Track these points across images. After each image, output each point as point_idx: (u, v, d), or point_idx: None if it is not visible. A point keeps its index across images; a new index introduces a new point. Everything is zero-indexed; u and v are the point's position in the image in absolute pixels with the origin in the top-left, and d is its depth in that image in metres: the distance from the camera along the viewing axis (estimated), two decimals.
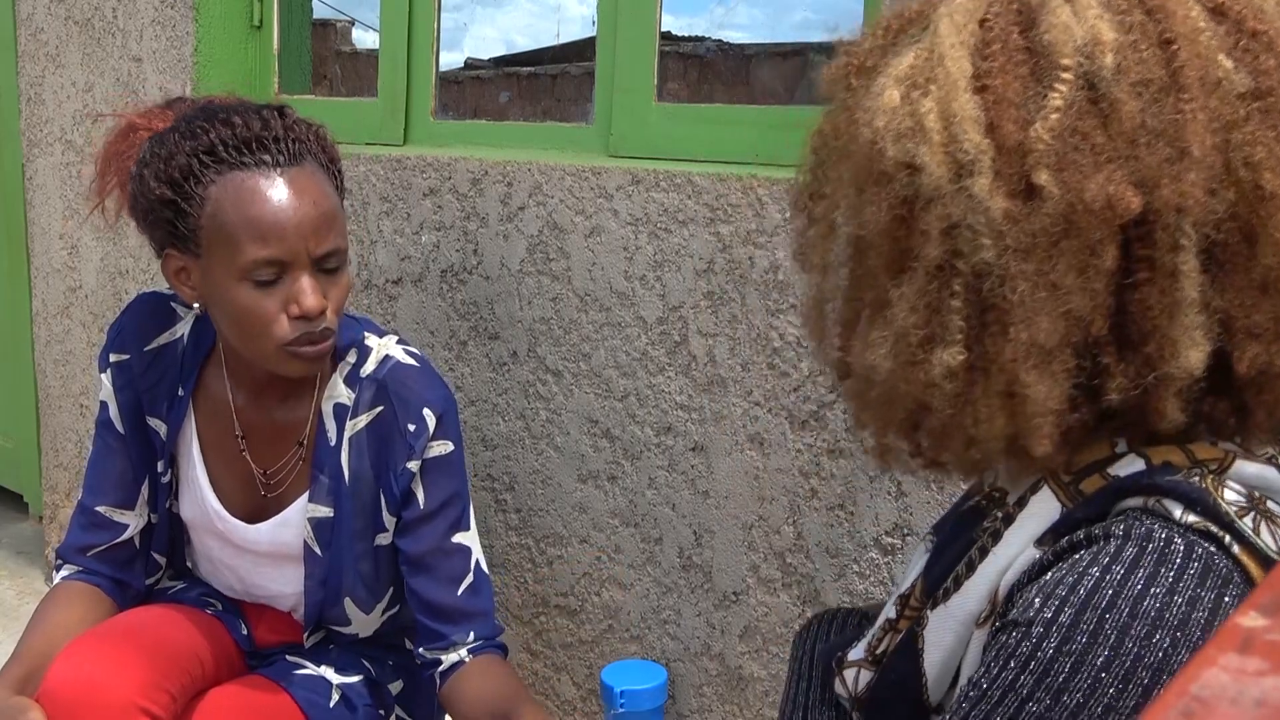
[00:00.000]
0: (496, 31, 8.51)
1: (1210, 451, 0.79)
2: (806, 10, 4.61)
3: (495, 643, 1.62)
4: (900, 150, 0.78)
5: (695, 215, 1.74)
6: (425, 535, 1.59)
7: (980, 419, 0.79)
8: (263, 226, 1.39)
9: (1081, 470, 0.82)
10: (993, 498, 0.91)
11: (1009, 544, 0.83)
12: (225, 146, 1.42)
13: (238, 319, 1.43)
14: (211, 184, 1.41)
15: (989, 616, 0.81)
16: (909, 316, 0.78)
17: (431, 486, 1.58)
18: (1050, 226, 0.74)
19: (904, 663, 0.89)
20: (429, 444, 1.56)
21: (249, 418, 1.62)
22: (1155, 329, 0.75)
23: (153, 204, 1.44)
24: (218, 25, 2.45)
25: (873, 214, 0.80)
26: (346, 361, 1.59)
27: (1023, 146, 0.74)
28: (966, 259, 0.76)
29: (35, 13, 2.85)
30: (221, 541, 1.67)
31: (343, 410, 1.58)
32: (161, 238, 1.47)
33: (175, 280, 1.49)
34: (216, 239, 1.41)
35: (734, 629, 1.79)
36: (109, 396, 1.65)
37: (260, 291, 1.41)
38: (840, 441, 1.64)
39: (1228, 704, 0.33)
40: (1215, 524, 0.74)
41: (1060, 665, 0.72)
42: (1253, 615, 0.39)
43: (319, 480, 1.59)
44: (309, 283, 1.42)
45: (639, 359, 1.84)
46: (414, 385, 1.57)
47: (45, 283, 2.97)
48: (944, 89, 0.77)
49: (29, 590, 3.03)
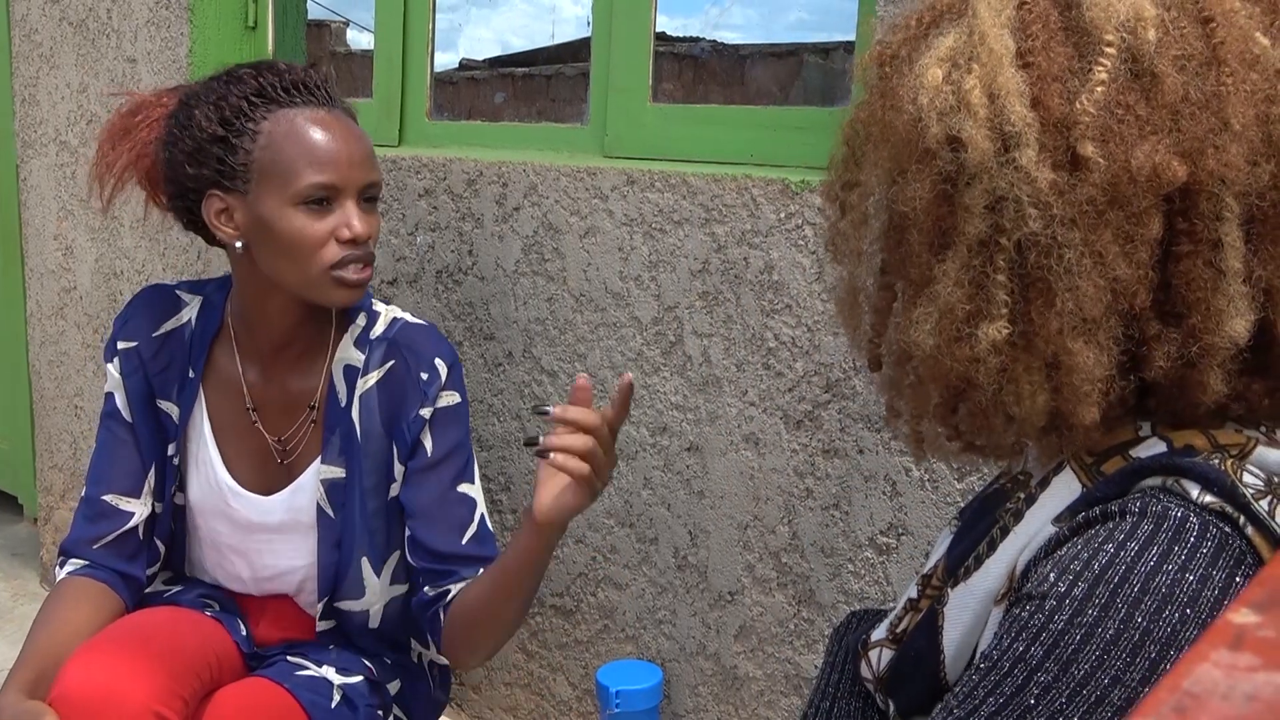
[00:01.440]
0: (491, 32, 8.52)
1: (1233, 437, 0.80)
2: (800, 11, 4.62)
3: None
4: (944, 126, 0.79)
5: (690, 216, 1.75)
6: (430, 484, 1.61)
7: (1022, 395, 0.80)
8: (319, 154, 1.49)
9: (1104, 452, 0.83)
10: (1017, 480, 0.93)
11: (1029, 522, 0.84)
12: (274, 88, 1.52)
13: (289, 244, 1.50)
14: (264, 119, 1.50)
15: (1006, 593, 0.82)
16: (953, 292, 0.80)
17: (439, 436, 1.61)
18: (1097, 196, 0.75)
19: (923, 639, 0.90)
20: (440, 393, 1.61)
21: (260, 390, 1.66)
22: (1199, 300, 0.77)
23: (202, 142, 1.51)
24: (212, 26, 2.45)
25: (915, 191, 0.81)
26: (356, 325, 1.65)
27: (1068, 119, 0.76)
28: (1010, 233, 0.77)
29: (29, 13, 2.84)
30: (231, 524, 1.68)
31: (353, 371, 1.63)
32: (206, 178, 1.52)
33: (216, 221, 1.54)
34: (270, 169, 1.49)
35: (729, 629, 1.79)
36: (116, 386, 1.67)
37: (312, 217, 1.49)
38: (835, 441, 1.64)
39: (1219, 699, 0.33)
40: (1231, 505, 0.75)
41: (1070, 637, 0.73)
42: (1244, 611, 0.40)
43: (330, 441, 1.62)
44: (355, 208, 1.51)
45: (634, 359, 1.84)
46: (424, 340, 1.64)
47: (40, 284, 2.96)
48: (987, 66, 0.78)
49: (24, 592, 3.03)
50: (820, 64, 4.47)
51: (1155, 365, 0.78)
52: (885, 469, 1.59)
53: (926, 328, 0.81)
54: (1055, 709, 0.73)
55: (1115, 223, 0.76)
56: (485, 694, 2.17)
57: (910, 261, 0.84)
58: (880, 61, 0.88)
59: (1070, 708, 0.73)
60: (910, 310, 0.84)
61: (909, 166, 0.82)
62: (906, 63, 0.85)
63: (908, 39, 0.86)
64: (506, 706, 2.14)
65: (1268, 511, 0.75)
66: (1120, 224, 0.76)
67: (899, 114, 0.82)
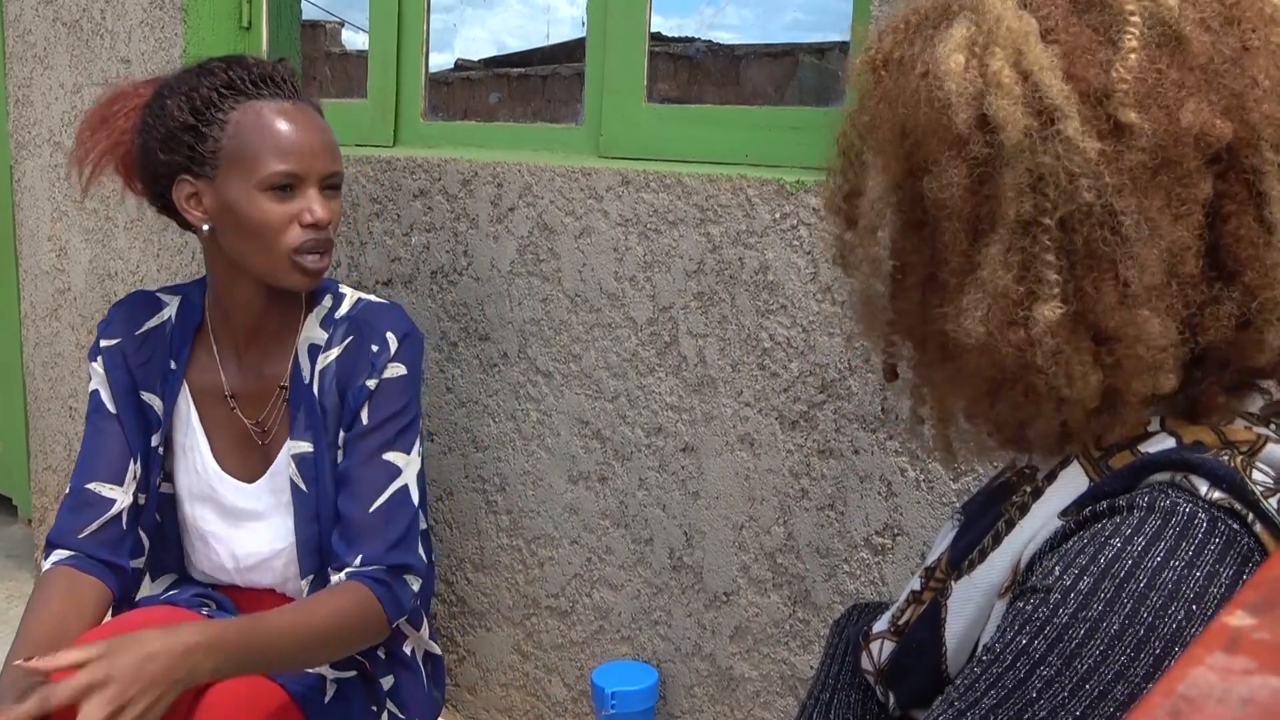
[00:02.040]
0: (486, 32, 8.49)
1: (1243, 434, 0.80)
2: (796, 11, 4.62)
3: (372, 574, 1.60)
4: (975, 110, 0.78)
5: (685, 216, 1.75)
6: (357, 450, 1.66)
7: (1074, 376, 0.79)
8: (283, 143, 1.58)
9: (1111, 446, 0.83)
10: (1023, 474, 0.93)
11: (1035, 516, 0.84)
12: (242, 81, 1.60)
13: (253, 227, 1.58)
14: (232, 110, 1.58)
15: (1010, 586, 0.82)
16: (1002, 276, 0.79)
17: (376, 406, 1.66)
18: (1146, 161, 0.75)
19: (925, 631, 0.90)
20: (387, 364, 1.66)
21: (236, 378, 1.73)
22: (1251, 257, 0.77)
23: (173, 130, 1.58)
24: (206, 27, 2.44)
25: (950, 179, 0.80)
26: (322, 306, 1.73)
27: (1106, 88, 0.76)
28: (1053, 210, 0.77)
29: (23, 14, 2.84)
30: (217, 510, 1.72)
31: (315, 349, 1.70)
32: (176, 164, 1.60)
33: (185, 205, 1.61)
34: (237, 156, 1.57)
35: (725, 629, 1.79)
36: (100, 382, 1.73)
37: (275, 202, 1.57)
38: (830, 442, 1.64)
39: (1215, 703, 0.33)
40: (1240, 502, 0.74)
41: (1074, 631, 0.73)
42: (1240, 615, 0.40)
43: (297, 418, 1.68)
44: (318, 196, 1.59)
45: (629, 360, 1.84)
46: (383, 316, 1.71)
47: (34, 285, 2.96)
48: (1010, 46, 0.78)
49: (18, 594, 3.02)
50: (815, 64, 4.47)
51: (1213, 328, 0.78)
52: (880, 469, 1.59)
53: (978, 315, 0.80)
54: (1057, 703, 0.73)
55: (1166, 186, 0.76)
56: (480, 695, 2.16)
57: (949, 252, 0.83)
58: (874, 66, 0.87)
59: (1073, 702, 0.72)
60: (957, 300, 0.82)
61: (939, 158, 0.81)
62: (905, 64, 0.84)
63: (900, 41, 0.86)
64: (502, 707, 2.13)
65: (1277, 509, 0.75)
66: (1171, 187, 0.76)
67: (916, 109, 0.81)
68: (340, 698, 1.66)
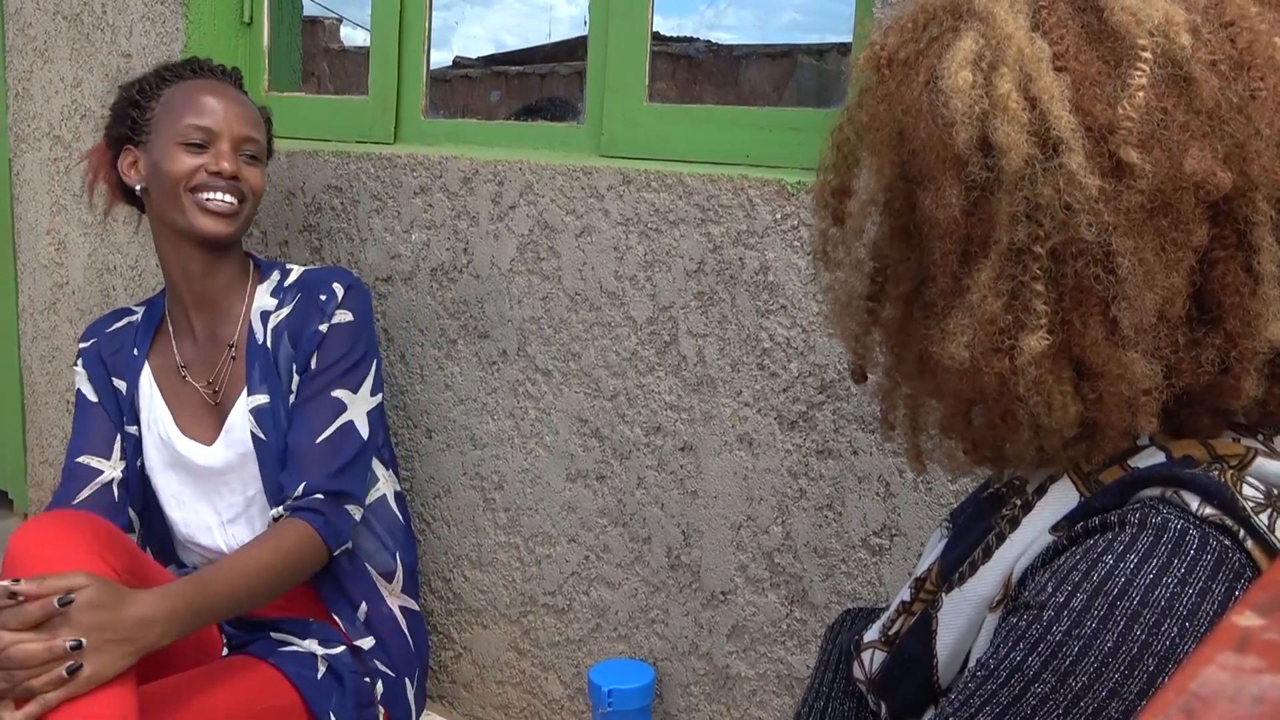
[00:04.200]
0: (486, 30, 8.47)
1: (1232, 448, 0.80)
2: (795, 12, 4.62)
3: (309, 504, 1.69)
4: (977, 131, 0.76)
5: (686, 215, 1.75)
6: (306, 389, 1.80)
7: (1054, 405, 0.78)
8: (200, 105, 1.80)
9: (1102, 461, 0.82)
10: (1013, 486, 0.92)
11: (1026, 530, 0.83)
12: (183, 69, 1.87)
13: (166, 176, 1.78)
14: (165, 89, 1.84)
15: (1002, 600, 0.82)
16: (991, 302, 0.77)
17: (325, 350, 1.80)
18: (1145, 203, 0.74)
19: (916, 644, 0.90)
20: (336, 310, 1.82)
21: (187, 348, 1.90)
22: (1236, 304, 0.76)
23: (121, 107, 1.85)
24: (208, 21, 2.44)
25: (946, 198, 0.78)
26: (271, 280, 1.90)
27: (1110, 125, 0.74)
28: (1045, 240, 0.75)
29: (24, 7, 2.83)
30: (185, 473, 1.84)
31: (267, 314, 1.86)
32: (122, 135, 1.84)
33: (126, 172, 1.84)
34: (163, 119, 1.81)
35: (722, 628, 1.79)
36: (82, 380, 1.93)
37: (189, 154, 1.78)
38: (829, 442, 1.64)
39: (1226, 701, 0.33)
40: (1231, 518, 0.74)
41: (1068, 648, 0.73)
42: (1249, 614, 0.40)
43: (252, 375, 1.81)
44: (229, 152, 1.80)
45: (629, 359, 1.84)
46: (329, 273, 1.88)
47: (32, 278, 2.95)
48: (1019, 69, 0.76)
49: None
50: (815, 65, 4.46)
51: (1190, 372, 0.77)
52: (879, 470, 1.59)
53: (963, 339, 0.79)
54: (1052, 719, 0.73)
55: (1162, 230, 0.74)
56: (477, 692, 2.17)
57: (938, 271, 0.82)
58: (877, 65, 0.85)
59: (1067, 718, 0.72)
60: (943, 321, 0.81)
61: (936, 173, 0.79)
62: (909, 66, 0.82)
63: (906, 41, 0.84)
64: (498, 705, 2.13)
65: (1267, 525, 0.74)
66: (1167, 231, 0.74)
67: (918, 118, 0.80)
68: (332, 674, 1.70)
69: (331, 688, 1.69)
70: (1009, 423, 0.82)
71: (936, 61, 0.80)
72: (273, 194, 2.30)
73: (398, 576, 1.89)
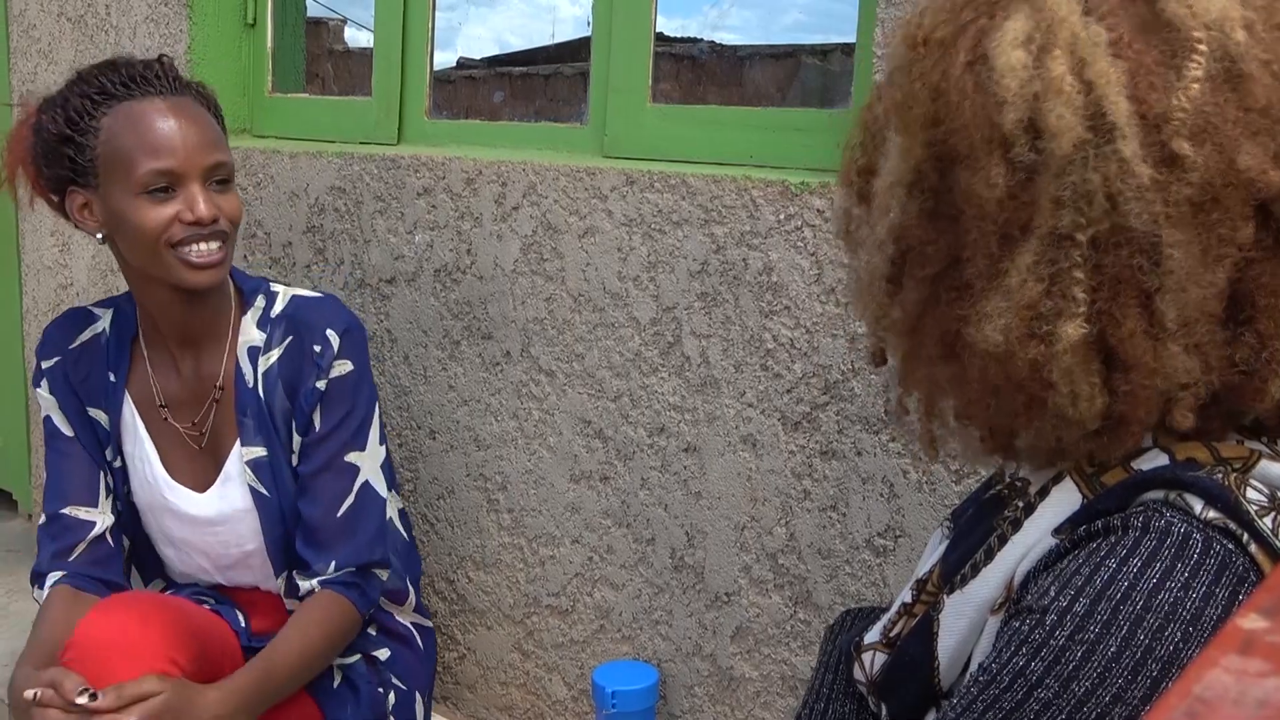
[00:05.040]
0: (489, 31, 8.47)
1: (1236, 450, 0.79)
2: (799, 13, 4.61)
3: (343, 579, 1.64)
4: (1027, 112, 0.75)
5: (689, 216, 1.75)
6: (317, 455, 1.66)
7: (1080, 397, 0.77)
8: (155, 142, 1.52)
9: (1104, 463, 0.82)
10: (1014, 487, 0.91)
11: (1028, 532, 0.83)
12: (114, 84, 1.55)
13: (136, 233, 1.53)
14: (104, 115, 1.53)
15: (1004, 603, 0.81)
16: (1032, 287, 0.76)
17: (328, 409, 1.66)
18: (1194, 196, 0.73)
19: (917, 646, 0.89)
20: (333, 363, 1.64)
21: (169, 385, 1.70)
22: (1270, 306, 0.75)
23: (50, 145, 1.55)
24: (211, 23, 2.44)
25: (989, 179, 0.77)
26: (256, 307, 1.70)
27: (1164, 115, 0.73)
28: (1087, 228, 0.74)
29: (28, 9, 2.84)
30: (176, 519, 1.71)
31: (255, 350, 1.67)
32: (62, 176, 1.56)
33: (79, 217, 1.58)
34: (113, 163, 1.52)
35: (726, 630, 1.79)
36: (50, 406, 1.72)
37: (156, 204, 1.52)
38: (833, 443, 1.64)
39: (1230, 704, 0.33)
40: (1235, 521, 0.74)
41: (1071, 653, 0.72)
42: (1253, 617, 0.40)
43: (244, 423, 1.66)
44: (200, 191, 1.53)
45: (632, 360, 1.84)
46: (319, 312, 1.68)
47: (36, 280, 2.96)
48: (1073, 52, 0.75)
49: (18, 588, 3.01)
50: (818, 65, 4.46)
51: (1224, 370, 0.77)
52: (883, 471, 1.59)
53: (999, 323, 0.77)
54: None
55: (1209, 225, 0.74)
56: (481, 693, 2.16)
57: (975, 253, 0.80)
58: (913, 43, 0.83)
59: None
60: (978, 304, 0.79)
61: (979, 153, 0.77)
62: (946, 46, 0.80)
63: (943, 20, 0.82)
64: (502, 706, 2.13)
65: (1271, 529, 0.74)
66: (1214, 226, 0.74)
67: (961, 97, 0.78)
68: (348, 684, 1.69)
69: (347, 697, 1.69)
70: (1031, 412, 0.80)
71: (982, 40, 0.78)
72: (276, 195, 2.30)
73: (410, 598, 1.86)
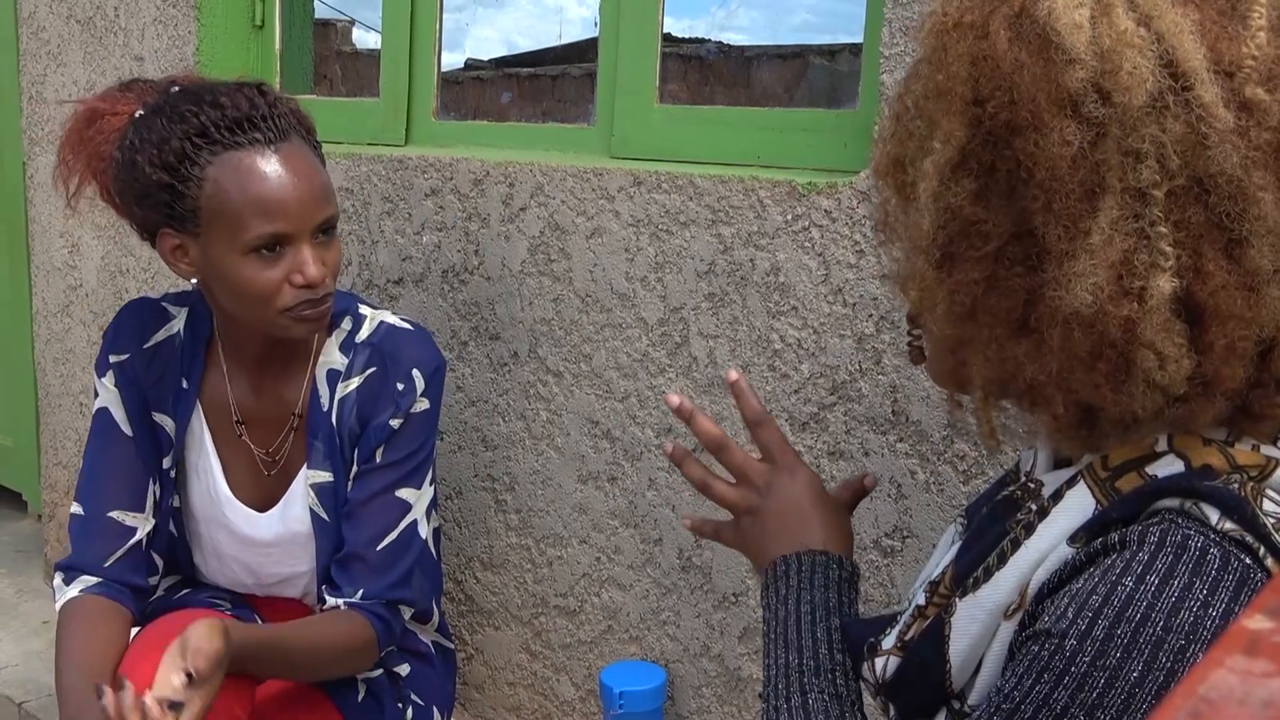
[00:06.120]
0: (497, 32, 8.47)
1: (1252, 457, 0.78)
2: (807, 13, 4.60)
3: (372, 608, 1.58)
4: (1098, 68, 0.75)
5: (697, 217, 1.75)
6: (370, 483, 1.60)
7: (1168, 358, 0.75)
8: (266, 203, 1.44)
9: (1119, 467, 0.81)
10: (1028, 489, 0.90)
11: (1041, 537, 0.82)
12: (217, 128, 1.45)
13: (241, 292, 1.48)
14: (209, 165, 1.44)
15: (1017, 609, 0.81)
16: (1119, 243, 0.75)
17: (396, 444, 1.60)
18: (1274, 140, 0.73)
19: (929, 648, 0.89)
20: (415, 401, 1.60)
21: (246, 401, 1.65)
22: None
23: (148, 188, 1.46)
24: (219, 25, 2.45)
25: (1061, 139, 0.76)
26: (342, 329, 1.64)
27: (1235, 63, 0.74)
28: (1170, 180, 0.74)
29: (37, 11, 2.85)
30: (230, 535, 1.68)
31: (335, 375, 1.62)
32: (157, 219, 1.49)
33: (171, 257, 1.51)
34: (218, 217, 1.44)
35: (733, 630, 1.79)
36: (112, 400, 1.64)
37: (263, 263, 1.46)
38: (840, 443, 1.64)
39: (1235, 705, 0.33)
40: (1252, 535, 0.73)
41: (1095, 680, 0.72)
42: (1259, 618, 0.40)
43: (315, 447, 1.62)
44: (310, 253, 1.47)
45: (640, 360, 1.84)
46: (408, 347, 1.62)
47: (45, 281, 2.97)
48: (1140, 8, 0.75)
49: (28, 588, 3.03)
50: (826, 66, 4.46)
51: None
52: (890, 471, 1.59)
53: (1090, 282, 0.75)
54: None
55: None
56: (489, 694, 2.17)
57: (1054, 217, 0.78)
58: (942, 30, 0.82)
59: None
60: (1061, 268, 0.77)
61: (1045, 118, 0.76)
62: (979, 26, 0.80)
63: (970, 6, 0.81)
64: (510, 706, 2.14)
65: None
66: None
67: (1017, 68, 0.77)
68: (371, 697, 1.68)
69: (371, 710, 1.68)
70: (1116, 379, 0.77)
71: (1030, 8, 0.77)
72: None
73: (434, 617, 1.83)
